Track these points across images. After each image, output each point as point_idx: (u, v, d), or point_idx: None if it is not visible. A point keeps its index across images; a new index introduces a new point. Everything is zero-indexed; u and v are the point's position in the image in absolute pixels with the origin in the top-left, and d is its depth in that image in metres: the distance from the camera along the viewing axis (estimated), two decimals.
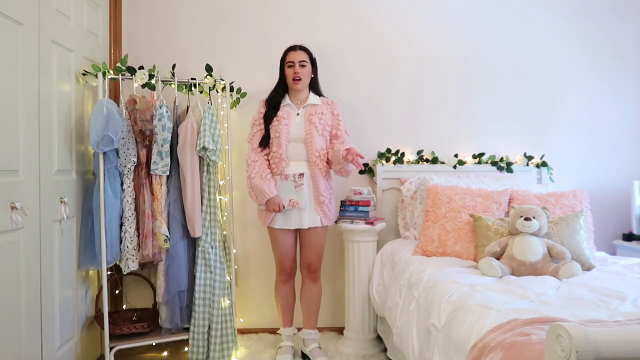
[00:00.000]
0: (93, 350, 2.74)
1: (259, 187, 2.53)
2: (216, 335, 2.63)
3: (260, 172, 2.58)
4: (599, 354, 0.96)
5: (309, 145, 2.60)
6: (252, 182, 2.57)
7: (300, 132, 2.61)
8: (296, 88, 2.63)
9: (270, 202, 2.53)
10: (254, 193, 2.57)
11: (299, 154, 2.61)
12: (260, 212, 2.68)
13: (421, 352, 1.92)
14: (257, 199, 2.58)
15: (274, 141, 2.60)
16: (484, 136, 3.28)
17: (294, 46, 2.67)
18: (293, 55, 2.63)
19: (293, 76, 2.60)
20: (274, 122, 2.60)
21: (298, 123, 2.62)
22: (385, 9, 3.24)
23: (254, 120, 2.70)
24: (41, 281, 2.15)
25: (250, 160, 2.62)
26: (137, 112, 2.56)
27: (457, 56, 3.26)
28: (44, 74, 2.21)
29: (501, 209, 2.61)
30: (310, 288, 2.75)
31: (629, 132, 3.37)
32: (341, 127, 2.70)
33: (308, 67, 2.64)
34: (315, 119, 2.61)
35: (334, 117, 2.69)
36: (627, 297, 1.76)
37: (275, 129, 2.59)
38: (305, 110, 2.65)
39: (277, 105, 2.63)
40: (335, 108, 2.71)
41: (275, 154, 2.59)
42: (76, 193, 2.54)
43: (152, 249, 2.58)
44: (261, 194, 2.53)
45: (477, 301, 1.73)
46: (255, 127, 2.67)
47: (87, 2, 2.70)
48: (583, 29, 3.33)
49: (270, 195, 2.52)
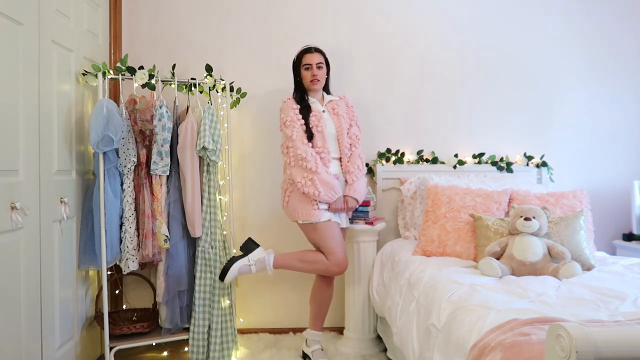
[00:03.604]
0: (93, 350, 2.75)
1: (330, 183, 2.49)
2: (216, 335, 2.63)
3: (323, 167, 2.52)
4: (599, 354, 0.96)
5: (340, 140, 2.63)
6: (320, 177, 2.47)
7: (332, 128, 2.64)
8: (314, 89, 2.67)
9: (339, 200, 2.54)
10: (323, 188, 2.47)
11: (334, 150, 2.64)
12: (302, 206, 2.52)
13: (421, 352, 1.92)
14: (324, 195, 2.47)
15: (317, 136, 2.56)
16: (484, 136, 3.28)
17: (309, 48, 2.67)
18: (310, 58, 2.64)
19: (311, 78, 2.62)
20: (311, 118, 2.58)
21: (327, 119, 2.65)
22: (385, 10, 3.24)
23: (290, 118, 2.56)
24: (41, 281, 2.15)
25: (308, 154, 2.48)
26: (137, 112, 2.56)
27: (457, 56, 3.26)
28: (44, 74, 2.21)
29: (501, 209, 2.61)
30: (324, 289, 2.70)
31: (628, 132, 3.37)
32: (355, 117, 2.74)
33: (324, 69, 2.68)
34: (342, 111, 2.68)
35: (349, 109, 2.74)
36: (627, 297, 1.76)
37: (316, 124, 2.57)
38: (329, 106, 2.70)
39: (307, 104, 2.64)
40: (349, 101, 2.78)
41: (321, 148, 2.55)
42: (76, 193, 2.54)
43: (152, 249, 2.58)
44: (332, 190, 2.49)
45: (477, 301, 1.73)
46: (295, 123, 2.54)
47: (87, 2, 2.70)
48: (583, 30, 3.33)
49: (340, 194, 2.54)
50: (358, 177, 2.63)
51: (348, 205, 2.59)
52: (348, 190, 2.60)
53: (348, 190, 2.60)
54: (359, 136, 2.71)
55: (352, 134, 2.69)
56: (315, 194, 2.47)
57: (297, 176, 2.50)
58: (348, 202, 2.59)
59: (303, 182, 2.48)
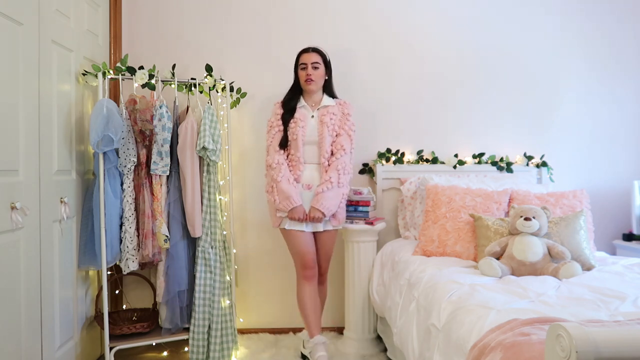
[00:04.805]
0: (93, 350, 2.74)
1: (287, 192, 2.48)
2: (216, 335, 2.63)
3: (286, 176, 2.52)
4: (599, 354, 0.96)
5: (321, 147, 2.57)
6: (279, 186, 2.50)
7: (314, 135, 2.58)
8: (309, 89, 2.61)
9: (295, 210, 2.49)
10: (279, 197, 2.50)
11: (313, 157, 2.59)
12: (271, 212, 2.65)
13: (421, 352, 1.92)
14: (280, 204, 2.50)
15: (291, 144, 2.56)
16: (484, 136, 3.28)
17: (307, 48, 2.64)
18: (306, 57, 2.60)
19: (305, 78, 2.58)
20: (290, 124, 2.57)
21: (313, 125, 2.59)
22: (385, 10, 3.24)
23: (270, 123, 2.64)
24: (41, 281, 2.15)
25: (275, 162, 2.53)
26: (137, 112, 2.56)
27: (457, 56, 3.26)
28: (44, 74, 2.21)
29: (501, 209, 2.61)
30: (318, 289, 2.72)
31: (628, 132, 3.37)
32: (346, 126, 2.62)
33: (321, 69, 2.61)
34: (327, 119, 2.58)
35: (343, 117, 2.63)
36: (627, 297, 1.76)
37: (293, 131, 2.55)
38: (319, 112, 2.62)
39: (293, 108, 2.60)
40: (347, 108, 2.66)
41: (293, 156, 2.56)
42: (76, 193, 2.54)
43: (152, 249, 2.58)
44: (287, 200, 2.47)
45: (477, 301, 1.73)
46: (274, 129, 2.60)
47: (87, 2, 2.70)
48: (582, 29, 3.33)
49: (296, 204, 2.48)
50: (328, 189, 2.50)
51: (311, 216, 2.51)
52: (314, 201, 2.52)
53: (314, 201, 2.52)
54: (344, 146, 2.57)
55: (338, 143, 2.58)
56: (274, 202, 2.54)
57: (267, 183, 2.62)
58: (312, 212, 2.51)
59: (269, 189, 2.58)
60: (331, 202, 2.52)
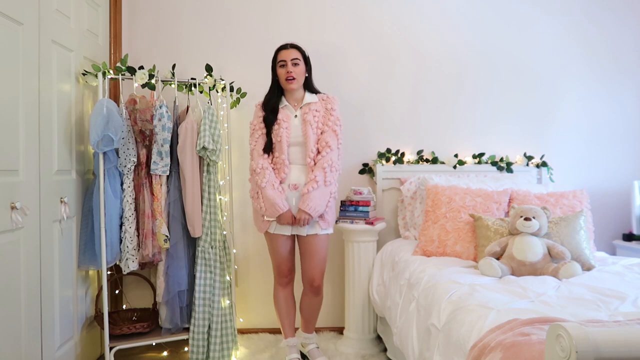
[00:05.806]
0: (93, 350, 2.74)
1: (272, 199, 2.39)
2: (216, 335, 2.63)
3: (271, 181, 2.43)
4: (599, 354, 0.96)
5: (306, 147, 2.47)
6: (264, 193, 2.42)
7: (298, 135, 2.48)
8: (290, 88, 2.48)
9: (283, 217, 2.42)
10: (265, 204, 2.42)
11: (300, 157, 2.50)
12: (256, 217, 2.57)
13: (421, 352, 1.92)
14: (266, 211, 2.43)
15: (276, 146, 2.47)
16: (484, 136, 3.28)
17: (285, 45, 2.52)
18: (285, 54, 2.47)
19: (286, 76, 2.45)
20: (274, 126, 2.47)
21: (296, 125, 2.49)
22: (385, 9, 3.24)
23: (253, 126, 2.55)
24: (41, 281, 2.15)
25: (259, 167, 2.45)
26: (137, 112, 2.56)
27: (457, 56, 3.26)
28: (44, 74, 2.21)
29: (501, 209, 2.61)
30: (311, 300, 2.63)
31: (628, 132, 3.37)
32: (330, 122, 2.49)
33: (301, 66, 2.49)
34: (310, 117, 2.47)
35: (327, 112, 2.51)
36: (627, 297, 1.76)
37: (277, 133, 2.46)
38: (301, 111, 2.51)
39: (275, 108, 2.50)
40: (330, 102, 2.53)
41: (277, 159, 2.47)
42: (76, 193, 2.54)
43: (152, 249, 2.58)
44: (273, 207, 2.40)
45: (477, 301, 1.73)
46: (257, 132, 2.51)
47: (87, 2, 2.70)
48: (582, 30, 3.33)
49: (283, 210, 2.40)
50: (314, 188, 2.39)
51: (297, 217, 2.43)
52: (301, 203, 2.41)
53: (301, 203, 2.41)
54: (330, 143, 2.45)
55: (322, 140, 2.47)
56: (258, 207, 2.49)
57: (251, 188, 2.56)
58: (298, 214, 2.42)
59: (254, 195, 2.51)
60: (317, 202, 2.41)
